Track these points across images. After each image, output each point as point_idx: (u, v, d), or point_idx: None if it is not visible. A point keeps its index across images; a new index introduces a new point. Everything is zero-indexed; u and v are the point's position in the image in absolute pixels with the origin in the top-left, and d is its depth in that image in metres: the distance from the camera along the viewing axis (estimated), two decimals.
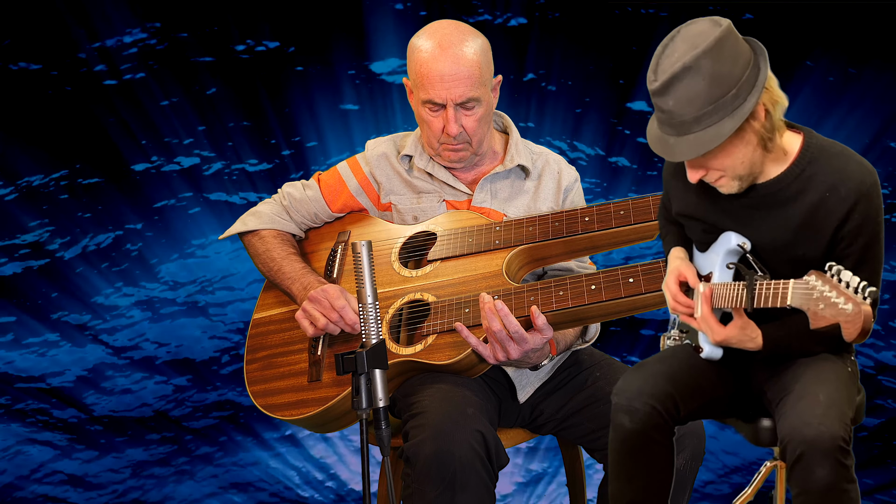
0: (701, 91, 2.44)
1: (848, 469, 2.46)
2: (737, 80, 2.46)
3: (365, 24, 5.61)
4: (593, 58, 5.66)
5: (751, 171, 2.58)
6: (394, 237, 3.26)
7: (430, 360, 3.03)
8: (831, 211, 2.56)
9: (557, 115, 5.78)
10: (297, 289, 3.18)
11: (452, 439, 2.84)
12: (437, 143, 3.18)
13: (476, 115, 3.13)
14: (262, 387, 3.15)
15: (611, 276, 3.03)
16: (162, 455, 5.34)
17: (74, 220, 5.58)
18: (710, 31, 2.46)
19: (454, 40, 3.10)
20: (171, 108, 5.59)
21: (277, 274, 3.24)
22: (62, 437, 5.31)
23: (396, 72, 5.66)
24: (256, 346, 3.23)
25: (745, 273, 2.51)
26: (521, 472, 5.33)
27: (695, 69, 2.43)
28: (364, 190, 3.32)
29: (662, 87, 2.47)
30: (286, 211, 3.34)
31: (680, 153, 2.51)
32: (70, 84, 5.49)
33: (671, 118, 2.49)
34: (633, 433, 2.65)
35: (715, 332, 2.61)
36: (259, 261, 3.30)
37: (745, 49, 2.50)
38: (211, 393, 5.54)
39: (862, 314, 2.27)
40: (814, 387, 2.55)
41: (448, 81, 3.08)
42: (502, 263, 3.13)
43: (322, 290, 3.09)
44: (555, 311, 3.02)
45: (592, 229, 3.13)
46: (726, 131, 2.46)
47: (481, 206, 3.26)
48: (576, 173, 3.35)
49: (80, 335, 5.50)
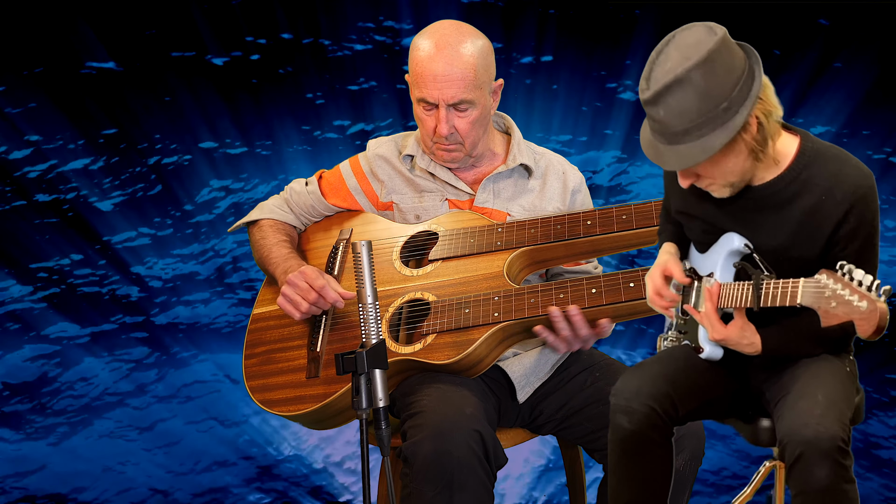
0: (692, 104, 2.44)
1: (847, 469, 2.47)
2: (728, 93, 2.45)
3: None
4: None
5: (741, 179, 2.59)
6: (395, 236, 3.27)
7: (429, 360, 3.03)
8: (827, 214, 2.56)
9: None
10: (279, 273, 3.19)
11: (451, 439, 2.85)
12: (430, 142, 3.19)
13: (469, 117, 3.13)
14: (261, 382, 3.16)
15: (612, 280, 3.05)
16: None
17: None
18: (704, 41, 2.45)
19: (452, 41, 3.11)
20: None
21: (266, 260, 3.26)
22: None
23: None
24: (255, 341, 3.24)
25: (751, 272, 2.52)
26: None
27: (686, 82, 2.43)
28: (363, 189, 3.33)
29: (653, 97, 2.47)
30: (287, 203, 3.37)
31: (669, 163, 2.52)
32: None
33: (662, 128, 2.50)
34: (631, 434, 2.65)
35: (716, 328, 2.61)
36: (254, 249, 3.33)
37: (739, 59, 2.49)
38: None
39: (878, 311, 2.28)
40: (813, 387, 2.55)
41: (441, 82, 3.08)
42: (503, 265, 3.14)
43: (299, 273, 3.10)
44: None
45: (594, 233, 3.15)
46: (716, 145, 2.46)
47: (483, 206, 3.27)
48: (581, 174, 3.36)
49: None
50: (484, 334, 3.04)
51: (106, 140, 5.47)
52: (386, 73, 5.62)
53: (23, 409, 5.30)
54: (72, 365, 5.38)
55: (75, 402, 5.32)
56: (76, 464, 5.19)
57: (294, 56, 5.57)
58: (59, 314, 5.41)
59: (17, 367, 5.33)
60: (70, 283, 5.43)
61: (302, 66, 5.58)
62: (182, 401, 5.44)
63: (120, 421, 5.33)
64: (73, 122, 5.42)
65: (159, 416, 5.39)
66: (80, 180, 5.45)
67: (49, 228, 5.42)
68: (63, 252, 5.43)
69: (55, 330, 5.40)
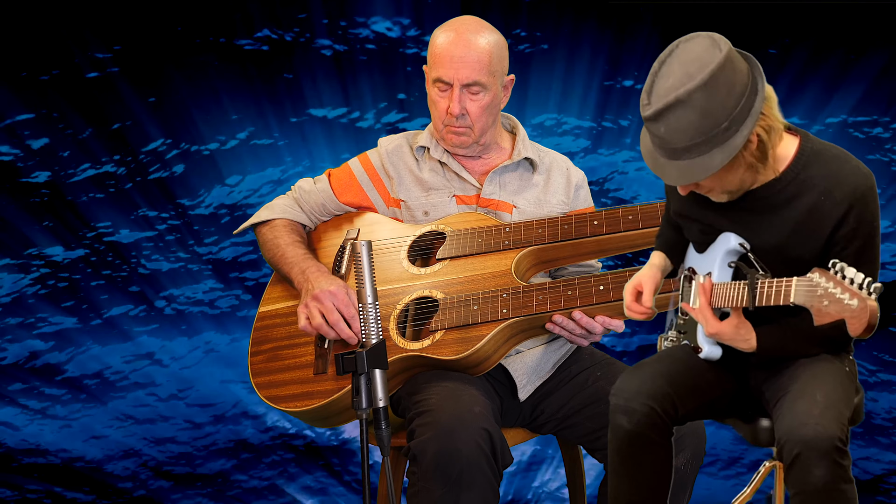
0: (692, 123, 2.44)
1: (845, 469, 2.46)
2: (729, 113, 2.45)
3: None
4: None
5: (740, 188, 2.59)
6: (403, 235, 3.29)
7: (437, 356, 3.05)
8: (826, 215, 2.55)
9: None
10: (295, 273, 3.22)
11: (459, 437, 2.86)
12: (441, 125, 3.26)
13: (480, 101, 3.21)
14: (267, 378, 3.18)
15: (619, 278, 3.07)
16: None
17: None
18: (707, 57, 2.43)
19: (471, 29, 3.22)
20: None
21: (280, 260, 3.28)
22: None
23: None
24: (262, 338, 3.27)
25: (746, 271, 2.52)
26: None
27: (687, 102, 2.43)
28: (374, 185, 3.36)
29: (654, 115, 2.47)
30: (297, 203, 3.39)
31: (669, 177, 2.53)
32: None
33: (662, 143, 2.50)
34: (631, 433, 2.65)
35: (710, 323, 2.62)
36: (266, 249, 3.35)
37: (742, 74, 2.47)
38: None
39: (868, 309, 2.28)
40: (811, 387, 2.55)
41: (457, 62, 3.18)
42: (511, 263, 3.16)
43: (330, 293, 3.12)
44: (563, 310, 3.07)
45: (601, 233, 3.20)
46: (716, 164, 2.46)
47: (490, 197, 3.31)
48: (583, 173, 3.42)
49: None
50: (492, 331, 3.06)
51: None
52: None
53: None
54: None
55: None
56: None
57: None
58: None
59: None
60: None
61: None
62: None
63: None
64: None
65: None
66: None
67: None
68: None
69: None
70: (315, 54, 5.61)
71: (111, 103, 5.52)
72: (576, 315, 3.08)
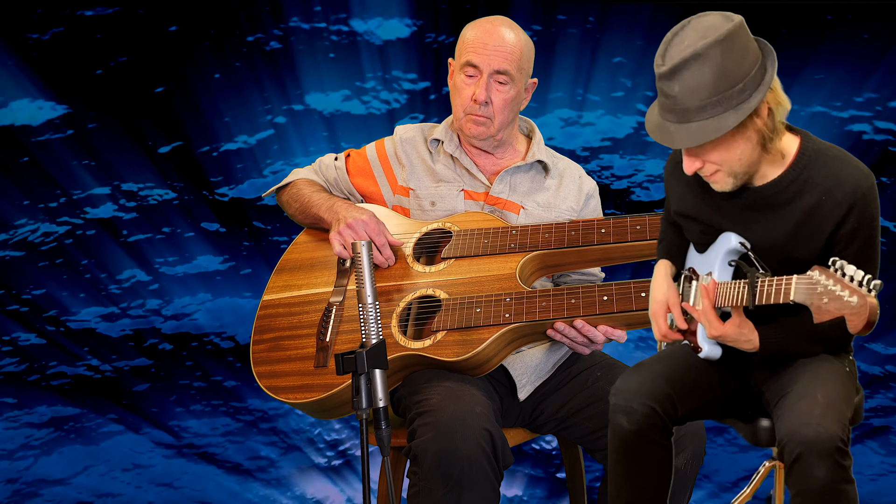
0: (708, 80, 2.45)
1: (846, 469, 2.46)
2: (744, 75, 2.46)
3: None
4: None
5: (747, 170, 2.58)
6: (409, 232, 3.30)
7: (437, 356, 3.05)
8: (827, 215, 2.56)
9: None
10: (324, 210, 3.31)
11: (461, 437, 2.86)
12: (461, 114, 3.27)
13: (505, 93, 3.24)
14: (268, 368, 3.19)
15: (623, 289, 3.07)
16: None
17: None
18: (721, 24, 2.47)
19: (505, 24, 3.28)
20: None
21: (307, 204, 3.36)
22: None
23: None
24: (264, 327, 3.27)
25: (746, 270, 2.52)
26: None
27: (704, 57, 2.44)
28: (384, 171, 3.40)
29: (670, 71, 2.47)
30: (315, 173, 3.46)
31: (680, 140, 2.51)
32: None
33: (674, 104, 2.49)
34: (630, 434, 2.65)
35: (713, 325, 2.61)
36: (290, 204, 3.42)
37: (755, 47, 2.50)
38: None
39: (868, 306, 2.28)
40: (812, 387, 2.55)
41: (491, 49, 3.23)
42: (516, 267, 3.16)
43: (363, 222, 3.23)
44: (565, 318, 3.07)
45: (608, 241, 3.20)
46: (729, 124, 2.46)
47: (498, 196, 3.31)
48: (595, 183, 3.43)
49: None
50: (494, 335, 3.06)
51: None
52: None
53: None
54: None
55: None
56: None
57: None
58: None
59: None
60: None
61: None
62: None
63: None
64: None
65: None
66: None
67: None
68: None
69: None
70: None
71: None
72: (577, 323, 3.07)
